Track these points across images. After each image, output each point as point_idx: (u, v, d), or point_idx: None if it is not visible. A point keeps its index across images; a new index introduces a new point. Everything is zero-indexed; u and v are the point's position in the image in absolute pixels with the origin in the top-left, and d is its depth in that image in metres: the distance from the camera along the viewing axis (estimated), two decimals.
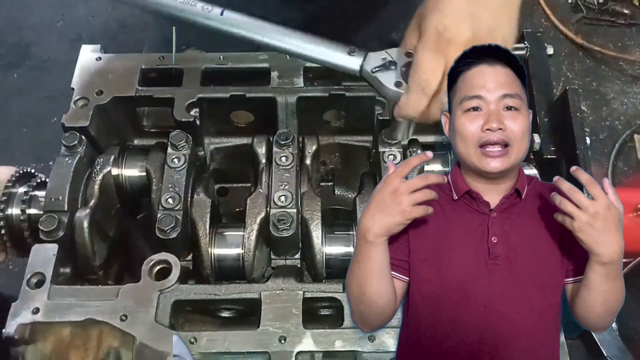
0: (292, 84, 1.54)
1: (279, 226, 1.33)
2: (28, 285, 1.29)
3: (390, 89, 1.17)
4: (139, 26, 3.63)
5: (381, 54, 1.20)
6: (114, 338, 1.24)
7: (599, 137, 3.10)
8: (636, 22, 3.52)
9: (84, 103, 1.51)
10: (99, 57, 1.60)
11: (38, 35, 3.63)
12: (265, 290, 1.27)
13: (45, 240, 1.33)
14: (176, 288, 1.28)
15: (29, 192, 1.47)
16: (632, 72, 3.35)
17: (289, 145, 1.45)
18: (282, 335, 1.22)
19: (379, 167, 1.43)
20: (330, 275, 1.39)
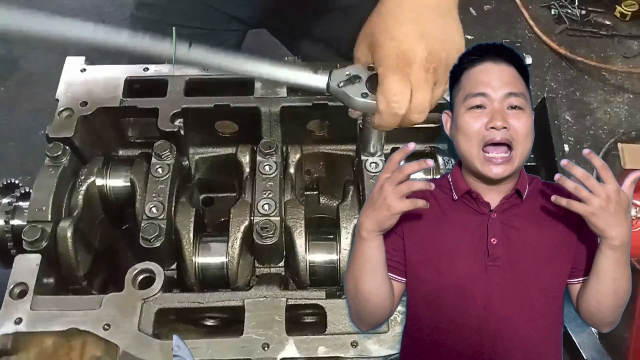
0: (275, 94, 1.55)
1: (263, 234, 1.34)
2: (11, 295, 1.28)
3: (358, 100, 1.21)
4: None
5: (344, 70, 1.23)
6: (97, 347, 1.24)
7: (583, 145, 3.14)
8: (618, 33, 3.58)
9: (69, 114, 1.52)
10: (84, 68, 1.60)
11: (25, 49, 3.64)
12: (248, 298, 1.28)
13: (28, 250, 1.33)
14: (160, 297, 1.28)
15: (12, 202, 1.47)
16: (615, 82, 3.40)
17: (273, 154, 1.46)
18: (265, 342, 1.22)
19: (362, 176, 1.44)
20: (314, 283, 1.40)
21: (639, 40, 3.56)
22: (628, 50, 3.54)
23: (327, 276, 1.40)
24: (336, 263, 1.39)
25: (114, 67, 1.62)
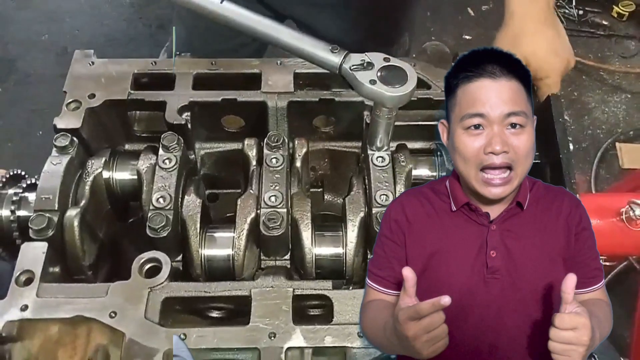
0: (282, 88, 1.57)
1: (269, 225, 1.34)
2: (17, 282, 1.28)
3: (366, 86, 1.26)
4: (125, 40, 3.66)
5: (361, 56, 1.29)
6: (103, 335, 1.24)
7: (582, 145, 3.16)
8: (615, 33, 3.62)
9: (76, 106, 1.52)
10: (92, 61, 1.61)
11: (23, 49, 3.63)
12: (255, 287, 1.28)
13: (35, 238, 1.33)
14: (166, 285, 1.28)
15: (18, 193, 1.47)
16: (612, 82, 3.44)
17: (280, 147, 1.47)
18: (271, 331, 1.22)
19: (368, 170, 1.45)
20: (319, 276, 1.40)
21: (636, 40, 3.59)
22: (625, 50, 3.57)
23: (333, 269, 1.40)
24: (342, 256, 1.40)
25: (122, 61, 1.63)
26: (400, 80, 1.26)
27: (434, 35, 3.61)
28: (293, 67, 1.60)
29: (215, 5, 1.29)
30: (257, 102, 1.55)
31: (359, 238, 1.39)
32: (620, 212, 1.53)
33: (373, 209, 1.37)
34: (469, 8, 3.75)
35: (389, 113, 1.35)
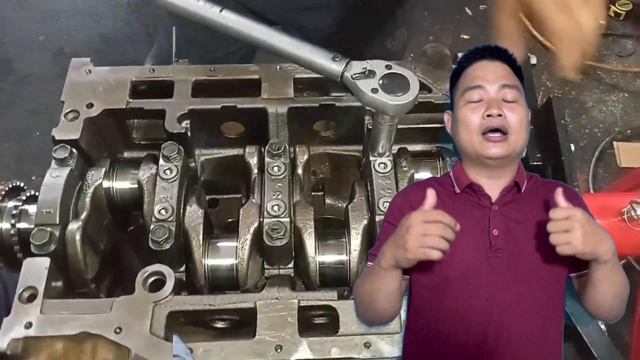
0: (282, 94, 1.55)
1: (273, 235, 1.34)
2: (20, 299, 1.27)
3: (367, 94, 1.25)
4: (122, 40, 3.64)
5: (362, 64, 1.27)
6: (108, 351, 1.23)
7: (580, 144, 3.17)
8: (612, 32, 3.62)
9: (74, 116, 1.50)
10: (89, 70, 1.59)
11: (20, 49, 3.62)
12: (260, 300, 1.28)
13: (37, 254, 1.32)
14: (171, 299, 1.28)
15: (18, 206, 1.46)
16: (610, 81, 3.44)
17: (281, 155, 1.46)
18: (278, 344, 1.22)
19: (370, 176, 1.44)
20: (323, 284, 1.40)
21: (633, 39, 3.60)
22: (622, 49, 3.57)
23: (337, 277, 1.40)
24: (346, 264, 1.39)
25: (119, 69, 1.61)
26: (403, 89, 1.25)
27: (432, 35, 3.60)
28: (292, 72, 1.58)
29: (215, 14, 1.27)
30: (257, 108, 1.54)
31: (363, 245, 1.39)
32: (622, 212, 1.52)
33: (376, 216, 1.37)
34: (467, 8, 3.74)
35: (391, 120, 1.34)
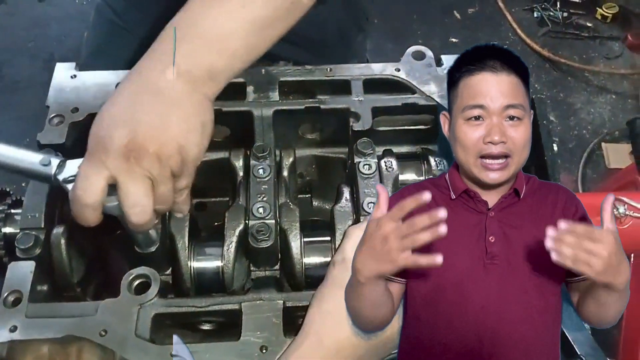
0: (267, 97, 1.56)
1: (258, 237, 1.34)
2: (5, 303, 1.27)
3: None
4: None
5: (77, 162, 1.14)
6: (94, 354, 1.23)
7: (568, 146, 3.19)
8: (599, 34, 3.66)
9: (59, 120, 1.51)
10: (74, 74, 1.60)
11: (10, 55, 3.62)
12: (245, 301, 1.28)
13: (22, 257, 1.32)
14: (156, 301, 1.28)
15: (4, 210, 1.46)
16: (597, 83, 3.47)
17: (266, 158, 1.47)
18: (263, 345, 1.22)
19: (355, 178, 1.45)
20: (310, 285, 1.40)
21: (619, 42, 3.63)
22: (609, 52, 3.61)
23: (323, 278, 1.40)
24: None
25: (104, 73, 1.61)
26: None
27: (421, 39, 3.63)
28: (278, 75, 1.59)
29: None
30: (242, 111, 1.55)
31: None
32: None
33: (361, 217, 1.37)
34: (455, 11, 3.77)
35: None
